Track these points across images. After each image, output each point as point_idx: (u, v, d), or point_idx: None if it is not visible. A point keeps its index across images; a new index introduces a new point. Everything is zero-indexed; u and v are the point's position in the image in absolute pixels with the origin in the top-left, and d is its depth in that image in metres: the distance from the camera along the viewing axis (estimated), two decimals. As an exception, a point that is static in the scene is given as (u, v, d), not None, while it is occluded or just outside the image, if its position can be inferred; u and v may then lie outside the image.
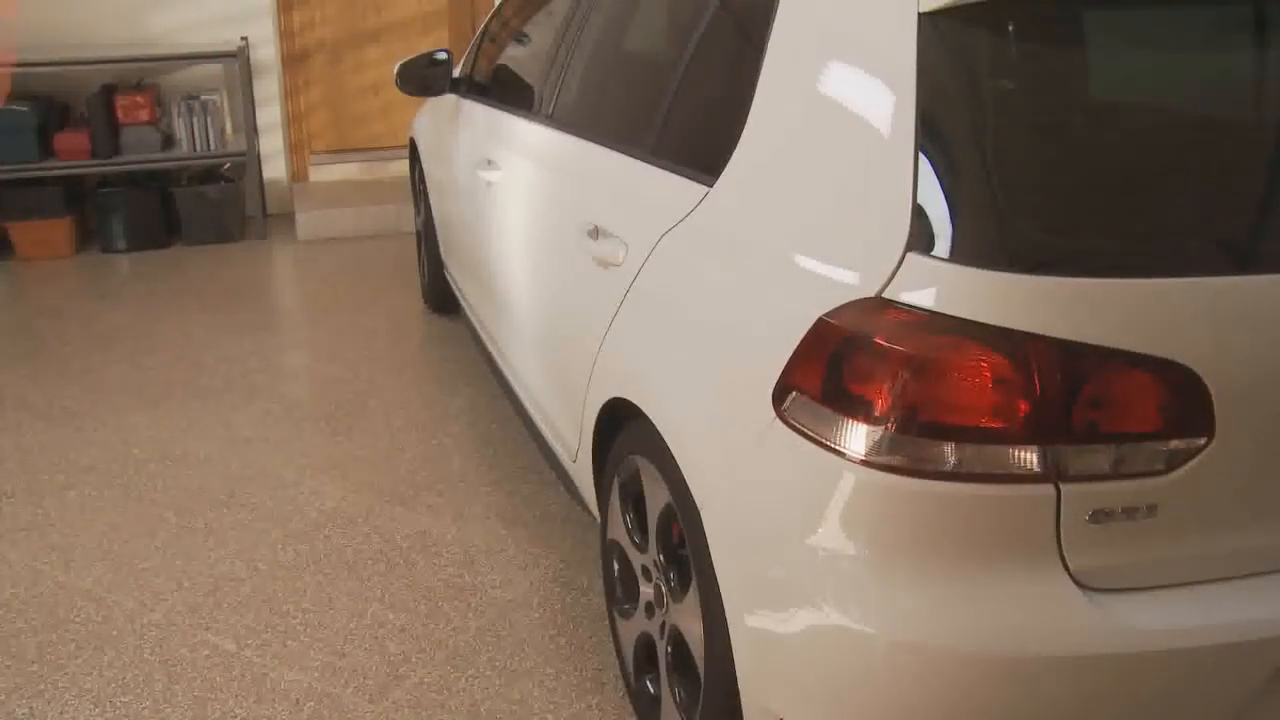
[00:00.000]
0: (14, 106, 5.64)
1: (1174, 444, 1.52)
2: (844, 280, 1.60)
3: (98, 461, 3.53)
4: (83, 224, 6.00)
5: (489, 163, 3.22)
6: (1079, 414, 1.49)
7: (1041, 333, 1.47)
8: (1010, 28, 1.59)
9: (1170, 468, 1.52)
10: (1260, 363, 1.54)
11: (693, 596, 1.97)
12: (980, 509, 1.52)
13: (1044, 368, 1.48)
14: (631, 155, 2.32)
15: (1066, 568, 1.54)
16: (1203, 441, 1.52)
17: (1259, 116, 1.75)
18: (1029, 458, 1.50)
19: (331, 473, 3.44)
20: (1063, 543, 1.53)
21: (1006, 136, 1.58)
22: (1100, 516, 1.52)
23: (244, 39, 6.12)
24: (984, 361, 1.48)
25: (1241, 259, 1.59)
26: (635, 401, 2.10)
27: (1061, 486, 1.50)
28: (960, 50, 1.61)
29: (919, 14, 1.62)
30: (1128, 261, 1.53)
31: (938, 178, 1.56)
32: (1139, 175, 1.59)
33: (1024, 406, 1.48)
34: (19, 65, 5.67)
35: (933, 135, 1.57)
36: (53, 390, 4.10)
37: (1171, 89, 1.72)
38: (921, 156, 1.56)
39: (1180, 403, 1.51)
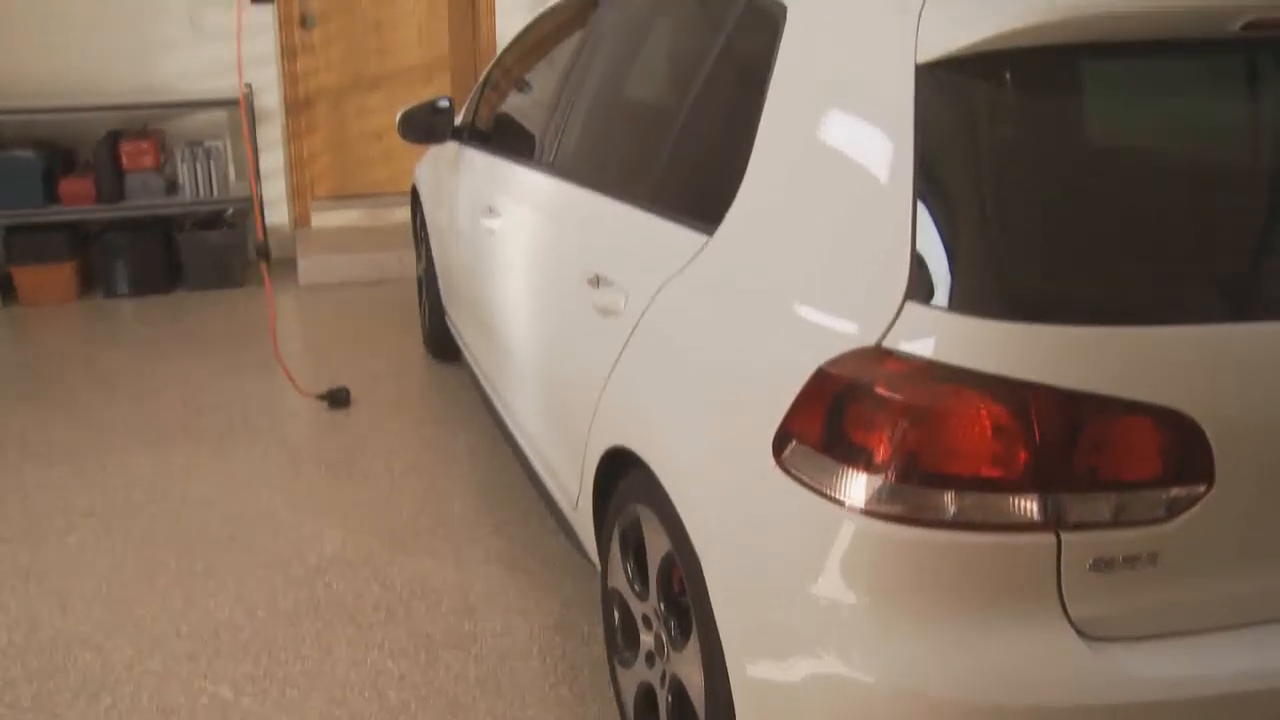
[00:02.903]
0: (20, 153, 5.69)
1: (1174, 492, 1.53)
2: (843, 330, 1.61)
3: (98, 504, 3.53)
4: (86, 269, 6.03)
5: (490, 210, 3.25)
6: (1079, 462, 1.50)
7: (1041, 381, 1.48)
8: (1007, 77, 1.61)
9: (1171, 515, 1.53)
10: (1259, 410, 1.54)
11: (693, 645, 1.96)
12: (981, 558, 1.52)
13: (1043, 416, 1.48)
14: (632, 204, 2.33)
15: (1068, 617, 1.54)
16: (1203, 489, 1.53)
17: (1257, 164, 1.77)
18: (1029, 506, 1.50)
19: (332, 517, 3.43)
20: (1064, 591, 1.53)
21: (1005, 185, 1.59)
22: (1101, 565, 1.52)
23: (248, 85, 6.17)
24: (983, 410, 1.49)
25: (1240, 306, 1.59)
26: (635, 450, 2.10)
27: (1062, 535, 1.50)
28: (958, 100, 1.63)
29: (916, 65, 1.65)
30: (1126, 309, 1.54)
31: (936, 227, 1.57)
32: (1137, 223, 1.60)
33: (1024, 455, 1.49)
34: (26, 112, 5.72)
35: (931, 185, 1.59)
36: (54, 433, 4.10)
37: (1169, 137, 1.74)
38: (920, 206, 1.58)
39: (1180, 450, 1.52)
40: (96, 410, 4.33)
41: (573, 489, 2.57)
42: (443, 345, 4.58)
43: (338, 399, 4.33)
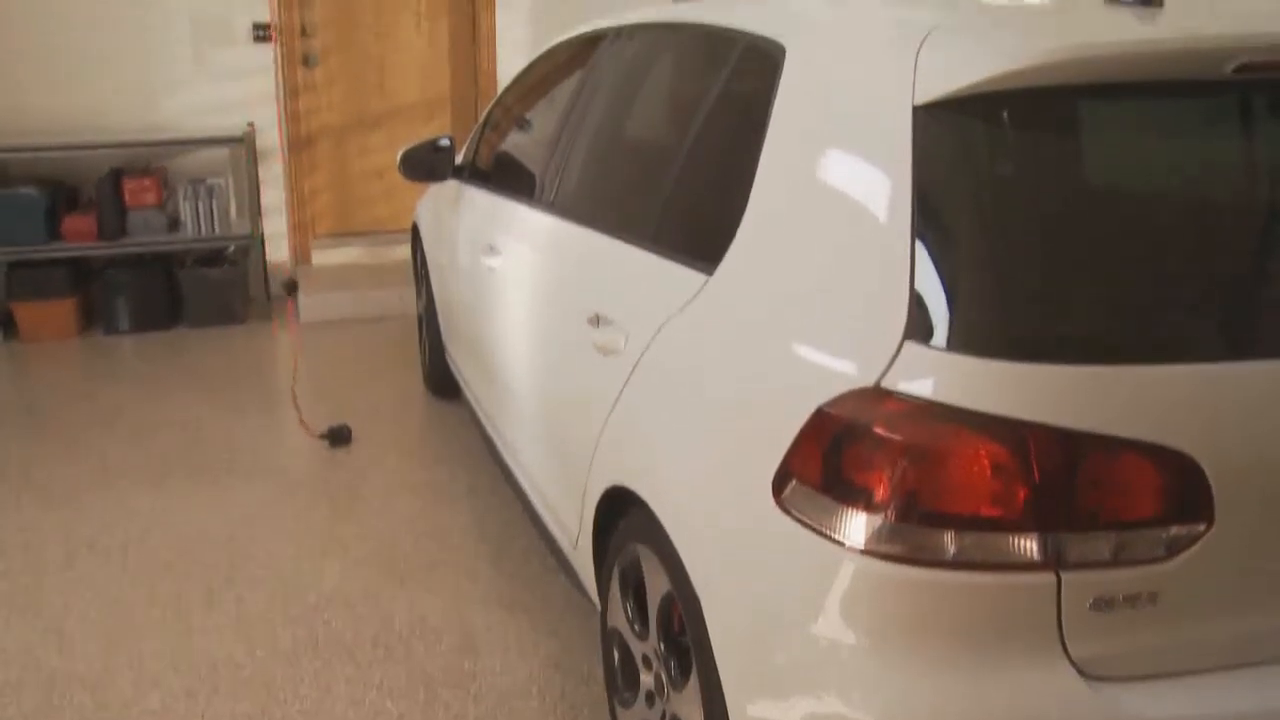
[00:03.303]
0: (24, 190, 5.72)
1: (1174, 531, 1.53)
2: (842, 370, 1.61)
3: (97, 541, 3.52)
4: (87, 305, 6.04)
5: (491, 249, 3.26)
6: (1078, 501, 1.50)
7: (1040, 421, 1.48)
8: (1005, 118, 1.63)
9: (1171, 555, 1.53)
10: (1259, 449, 1.54)
11: (693, 685, 1.96)
12: (981, 597, 1.52)
13: (1042, 455, 1.49)
14: (632, 243, 2.35)
15: (1068, 656, 1.54)
16: (1202, 528, 1.53)
17: (1253, 204, 1.78)
18: (1029, 546, 1.50)
19: (332, 553, 3.43)
20: (1064, 631, 1.53)
21: (1003, 225, 1.60)
22: (1101, 604, 1.52)
23: (250, 124, 6.21)
24: (982, 450, 1.49)
25: (1238, 345, 1.60)
26: (635, 489, 2.10)
27: (1062, 574, 1.50)
28: (956, 140, 1.64)
29: (914, 106, 1.66)
30: (1125, 348, 1.54)
31: (935, 267, 1.58)
32: (1135, 262, 1.61)
33: (1023, 494, 1.49)
34: (30, 150, 5.76)
35: (930, 225, 1.60)
36: (53, 468, 4.10)
37: (1166, 177, 1.75)
38: (918, 246, 1.59)
39: (1179, 489, 1.52)
40: (96, 446, 4.33)
41: (573, 528, 2.57)
42: (443, 383, 4.59)
43: (339, 437, 4.33)
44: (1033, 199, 1.63)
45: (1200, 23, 1.83)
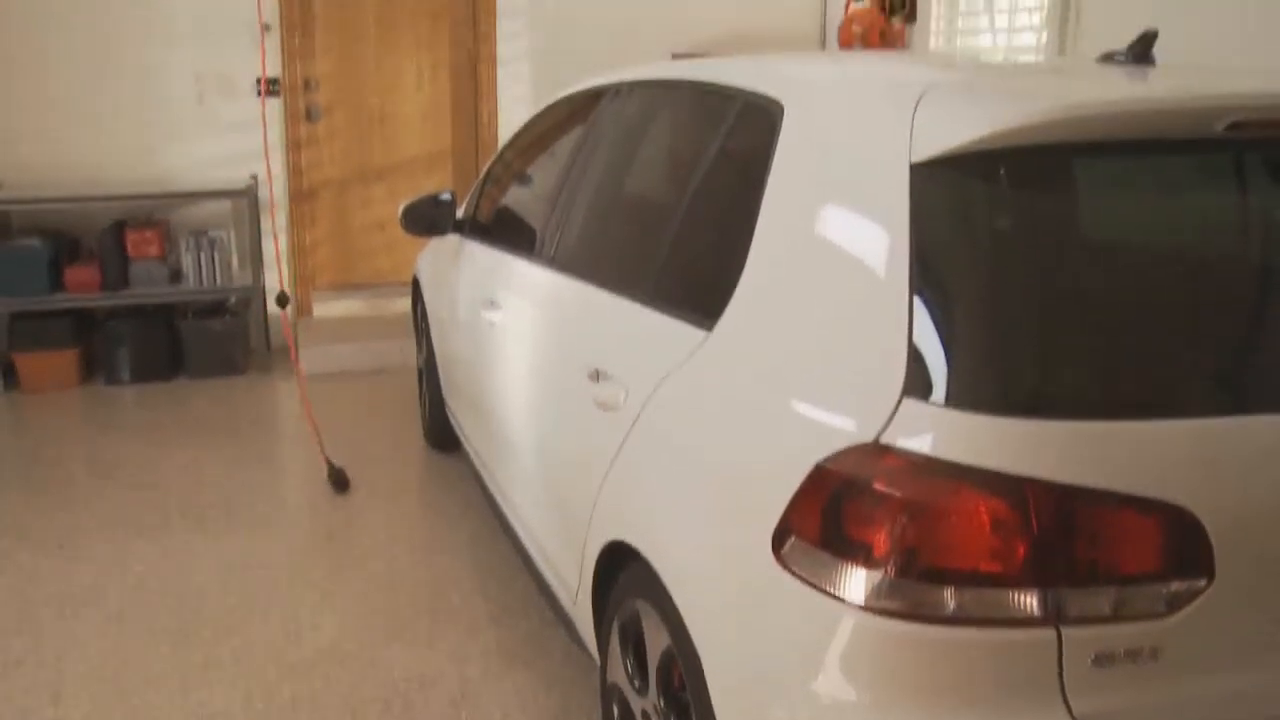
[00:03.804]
0: (27, 242, 5.75)
1: (1174, 586, 1.53)
2: (841, 426, 1.62)
3: (93, 591, 3.51)
4: (89, 355, 6.05)
5: (491, 303, 3.28)
6: (1078, 556, 1.50)
7: (1038, 476, 1.49)
8: (1001, 175, 1.64)
9: (1172, 610, 1.53)
10: (1258, 504, 1.55)
11: (694, 742, 1.95)
12: (982, 653, 1.52)
13: (1041, 511, 1.49)
14: (632, 299, 2.36)
15: (1071, 712, 1.53)
16: (1203, 583, 1.53)
17: (1250, 259, 1.79)
18: (1029, 601, 1.50)
19: (330, 606, 3.41)
20: (1066, 686, 1.52)
21: (1000, 282, 1.61)
22: (1103, 660, 1.52)
23: (253, 176, 6.26)
24: (982, 505, 1.50)
25: (1236, 400, 1.61)
26: (635, 544, 2.10)
27: (1062, 630, 1.50)
28: (953, 198, 1.66)
29: (911, 164, 1.68)
30: (1123, 403, 1.55)
31: (933, 323, 1.59)
32: (1133, 318, 1.62)
33: (1022, 550, 1.49)
34: (34, 202, 5.80)
35: (928, 282, 1.61)
36: (51, 519, 4.09)
37: (1163, 233, 1.77)
38: (917, 303, 1.60)
39: (1179, 544, 1.52)
40: (95, 496, 4.32)
41: (572, 582, 2.56)
42: (443, 436, 4.59)
43: (340, 481, 4.34)
44: (1030, 255, 1.64)
45: (1192, 81, 1.86)
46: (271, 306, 6.44)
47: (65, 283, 5.80)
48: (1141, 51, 2.08)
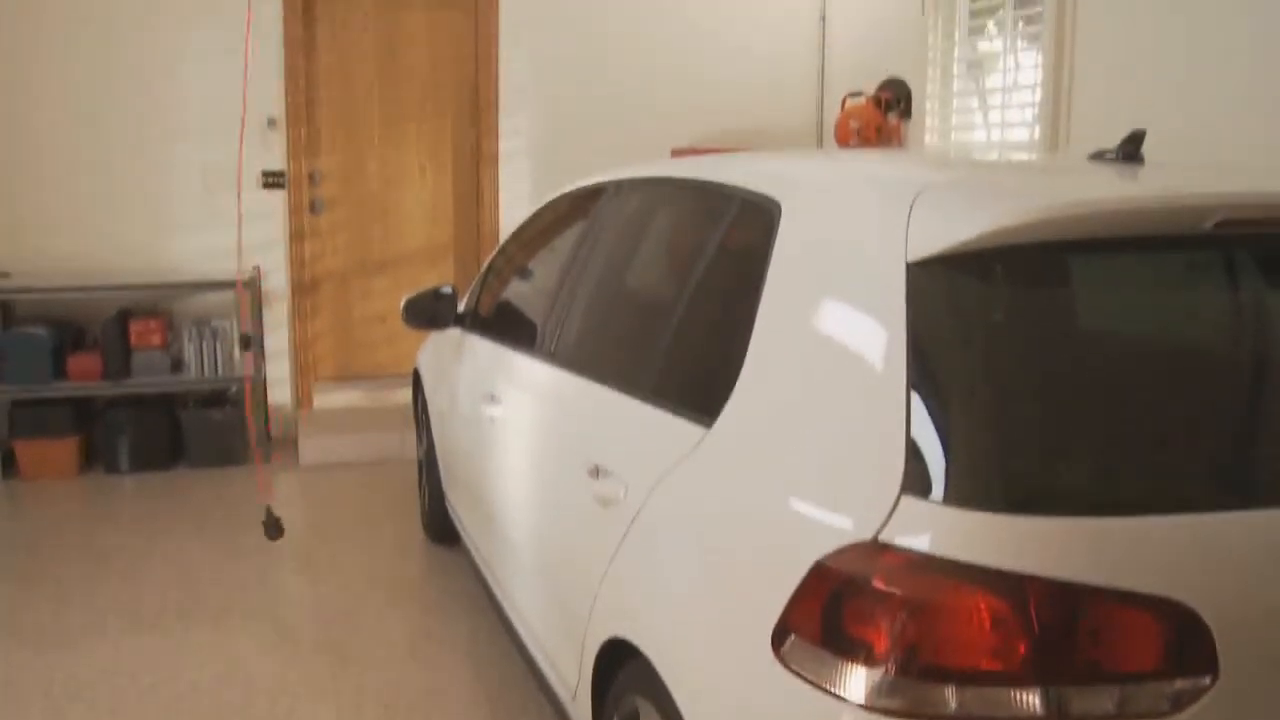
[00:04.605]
0: (33, 330, 5.79)
1: (1178, 684, 1.51)
2: (839, 525, 1.62)
3: (86, 689, 3.46)
4: (88, 443, 6.05)
5: (491, 397, 3.29)
6: (1080, 654, 1.49)
7: (1038, 574, 1.48)
8: (997, 273, 1.67)
9: (1176, 709, 1.51)
10: (1262, 600, 1.54)
11: (693, 843, 1.91)
12: (984, 753, 1.50)
13: (1042, 608, 1.48)
14: (631, 395, 2.38)
15: (1074, 813, 1.51)
16: (1208, 681, 1.51)
17: (1245, 354, 1.81)
18: (1031, 700, 1.48)
19: (328, 703, 3.37)
20: (1070, 786, 1.50)
21: (997, 379, 1.63)
22: (1108, 759, 1.50)
23: (256, 268, 6.31)
24: (982, 603, 1.49)
25: (1236, 494, 1.61)
26: (634, 641, 2.09)
27: (1066, 729, 1.49)
28: (949, 297, 1.68)
29: (907, 263, 1.70)
30: (1122, 499, 1.55)
31: (931, 421, 1.60)
32: (1130, 413, 1.63)
33: (1024, 648, 1.48)
34: (41, 291, 5.85)
35: (925, 380, 1.62)
36: (43, 611, 4.05)
37: (1160, 327, 1.78)
38: (914, 401, 1.61)
39: (1182, 642, 1.51)
40: (89, 588, 4.29)
41: (571, 679, 2.53)
42: (442, 529, 4.57)
43: (275, 527, 4.31)
44: (1026, 352, 1.66)
45: (1180, 180, 1.89)
46: (275, 396, 6.46)
47: (68, 371, 5.83)
48: (1131, 150, 2.12)
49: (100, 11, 6.05)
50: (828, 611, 1.58)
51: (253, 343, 4.72)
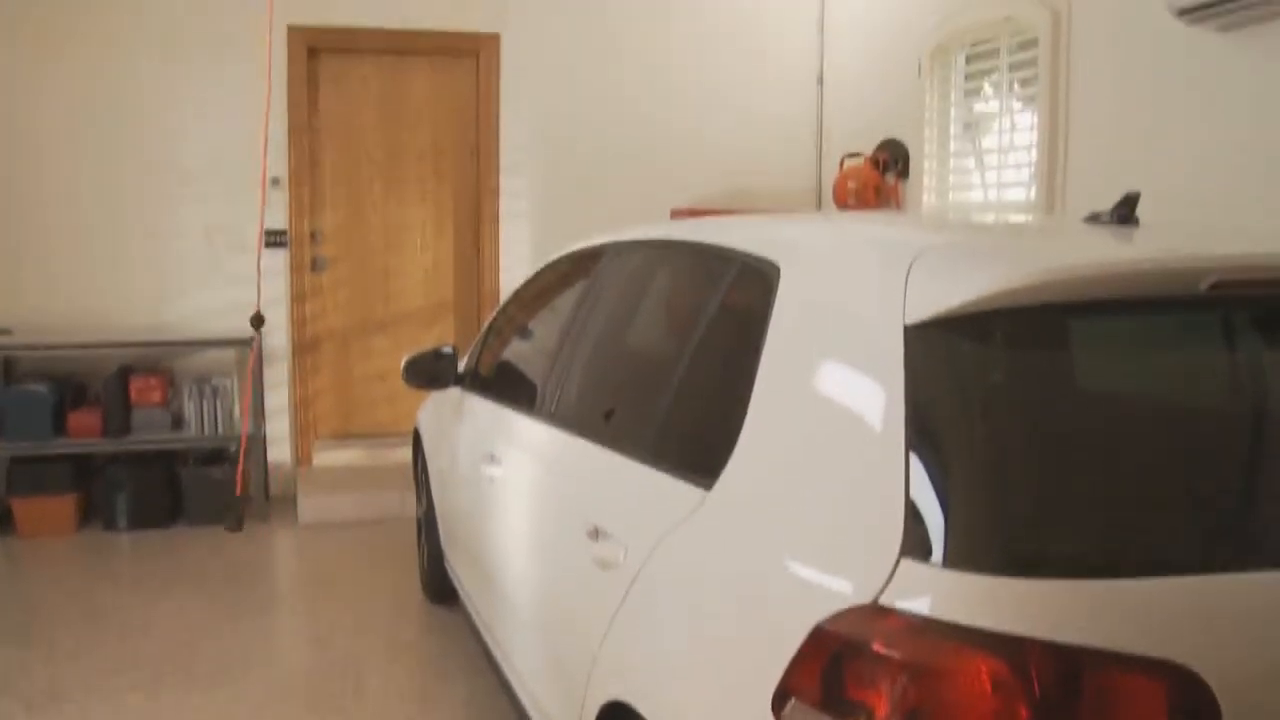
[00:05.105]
0: (34, 387, 5.81)
1: (1182, 748, 1.50)
2: (839, 588, 1.62)
3: (82, 755, 3.43)
4: (87, 501, 6.03)
5: (491, 458, 3.29)
6: (1082, 718, 1.48)
7: (1039, 637, 1.48)
8: (994, 335, 1.67)
9: (1180, 772, 1.50)
10: (1264, 661, 1.53)
11: None
12: (985, 817, 1.49)
13: (1043, 672, 1.47)
14: (631, 457, 2.38)
15: None
16: (1212, 744, 1.50)
17: (1243, 415, 1.81)
18: (1032, 764, 1.47)
19: (322, 769, 3.34)
20: None
21: (996, 441, 1.63)
22: (1112, 825, 1.49)
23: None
24: (983, 667, 1.48)
25: (1238, 556, 1.61)
26: (634, 704, 2.07)
27: (1069, 794, 1.47)
28: (947, 359, 1.68)
29: (905, 326, 1.71)
30: (1122, 562, 1.55)
31: (930, 484, 1.60)
32: (1130, 475, 1.64)
33: (1025, 711, 1.47)
34: (44, 348, 5.87)
35: (924, 443, 1.63)
36: (39, 672, 4.01)
37: (1158, 389, 1.79)
38: (913, 464, 1.62)
39: (1185, 705, 1.50)
40: (86, 648, 4.25)
41: (570, 741, 2.51)
42: (441, 588, 4.54)
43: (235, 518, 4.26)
44: (1024, 414, 1.66)
45: (1174, 242, 1.91)
46: (275, 454, 6.46)
47: (68, 428, 5.83)
48: (1125, 212, 2.14)
49: (105, 71, 6.13)
50: (828, 675, 1.58)
51: (263, 322, 4.90)
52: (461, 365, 4.13)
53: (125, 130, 6.18)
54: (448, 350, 4.05)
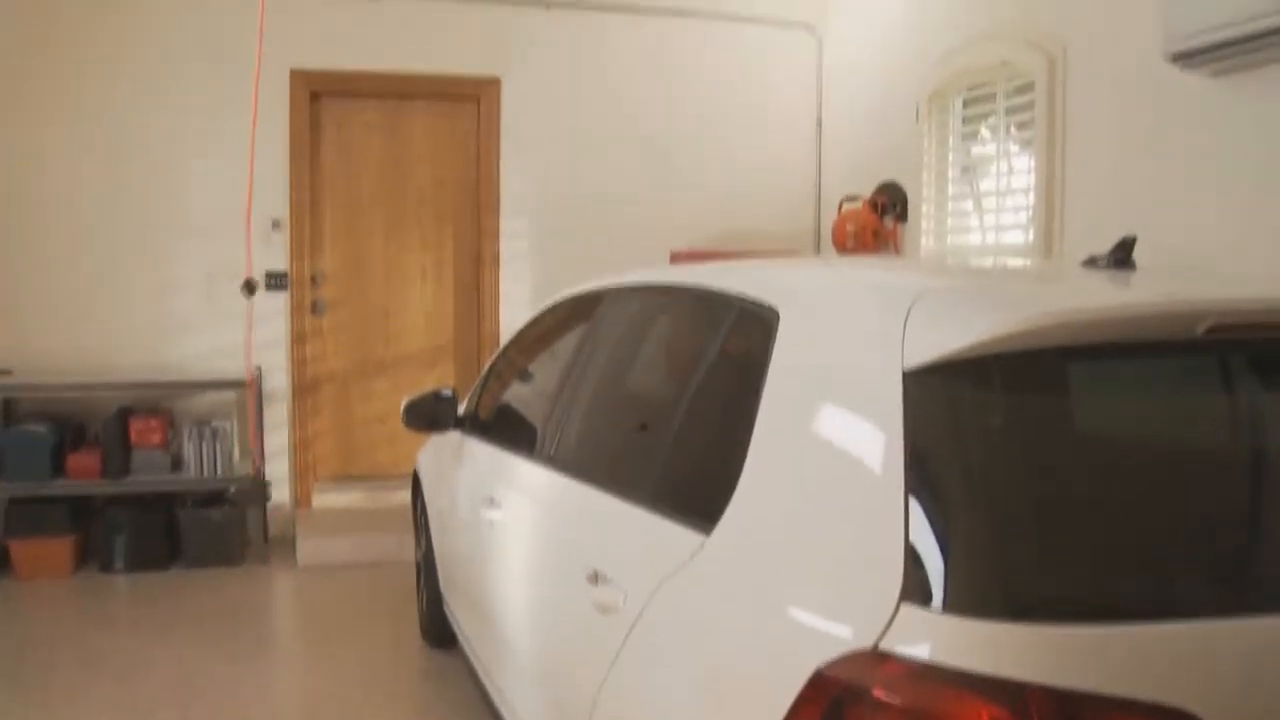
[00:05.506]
0: (34, 428, 5.80)
1: (1183, 792, 1.50)
2: (839, 633, 1.62)
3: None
4: (85, 542, 6.00)
5: (491, 501, 3.29)
6: (1084, 763, 1.48)
7: (1039, 682, 1.48)
8: (992, 380, 1.68)
9: (1185, 817, 1.49)
10: (1263, 706, 1.53)
11: None
12: None
13: (1044, 717, 1.47)
14: (631, 501, 2.38)
15: None
16: (1216, 790, 1.50)
17: (1243, 457, 1.82)
18: (1033, 809, 1.47)
19: (319, 815, 3.31)
20: None
21: (995, 486, 1.63)
22: None
23: (258, 368, 6.34)
24: (983, 712, 1.48)
25: (1237, 600, 1.61)
26: (633, 750, 2.07)
27: (1072, 841, 1.47)
28: (945, 404, 1.69)
29: (903, 371, 1.72)
30: (1123, 606, 1.55)
31: (930, 529, 1.60)
32: (1129, 519, 1.64)
33: (1026, 757, 1.47)
34: (45, 389, 5.88)
35: (923, 488, 1.63)
36: (34, 718, 3.97)
37: (1157, 433, 1.79)
38: (913, 509, 1.62)
39: (1186, 749, 1.50)
40: (81, 691, 4.22)
41: (569, 787, 2.50)
42: (440, 632, 4.52)
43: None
44: (1023, 459, 1.67)
45: (1170, 286, 1.92)
46: (274, 496, 6.45)
47: (67, 469, 5.82)
48: (1123, 256, 2.15)
49: (105, 114, 6.18)
50: (828, 720, 1.57)
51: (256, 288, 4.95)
52: (461, 408, 4.13)
53: (127, 173, 6.22)
54: (447, 393, 4.05)
